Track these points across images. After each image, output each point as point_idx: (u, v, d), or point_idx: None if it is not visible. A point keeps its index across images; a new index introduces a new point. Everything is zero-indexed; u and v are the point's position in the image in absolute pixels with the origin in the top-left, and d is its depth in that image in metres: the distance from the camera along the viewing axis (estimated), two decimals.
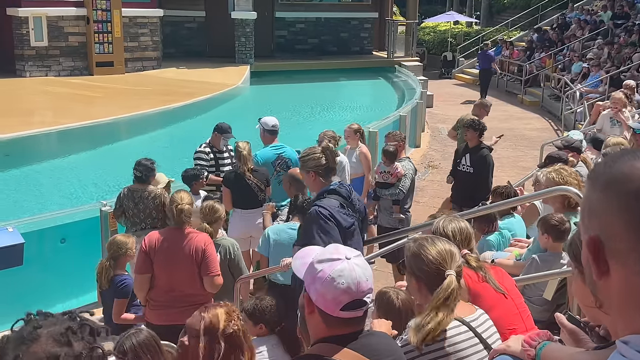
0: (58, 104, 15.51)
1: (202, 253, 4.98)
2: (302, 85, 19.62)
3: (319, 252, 2.20)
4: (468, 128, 7.95)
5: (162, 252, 4.98)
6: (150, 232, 5.33)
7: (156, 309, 5.05)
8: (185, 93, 16.47)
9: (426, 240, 2.71)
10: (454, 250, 2.67)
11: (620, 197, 1.09)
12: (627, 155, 1.11)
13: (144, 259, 5.00)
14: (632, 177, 1.07)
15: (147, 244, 5.02)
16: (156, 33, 19.77)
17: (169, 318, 4.87)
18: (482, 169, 7.81)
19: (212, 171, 7.58)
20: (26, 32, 17.59)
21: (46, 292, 7.35)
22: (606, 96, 14.55)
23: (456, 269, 2.62)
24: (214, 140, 7.70)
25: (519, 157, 13.94)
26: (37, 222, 7.44)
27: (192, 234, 5.06)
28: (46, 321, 1.53)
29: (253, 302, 4.35)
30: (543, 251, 4.70)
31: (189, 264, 4.97)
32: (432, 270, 2.61)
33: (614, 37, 19.49)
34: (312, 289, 2.14)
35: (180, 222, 5.02)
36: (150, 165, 6.66)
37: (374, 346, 2.19)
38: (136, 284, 5.16)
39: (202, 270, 4.98)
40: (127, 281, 5.40)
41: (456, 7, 36.75)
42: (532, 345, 2.30)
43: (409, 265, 2.68)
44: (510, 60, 23.38)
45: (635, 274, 1.08)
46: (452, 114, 18.32)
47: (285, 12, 23.33)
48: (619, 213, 1.09)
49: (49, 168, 11.78)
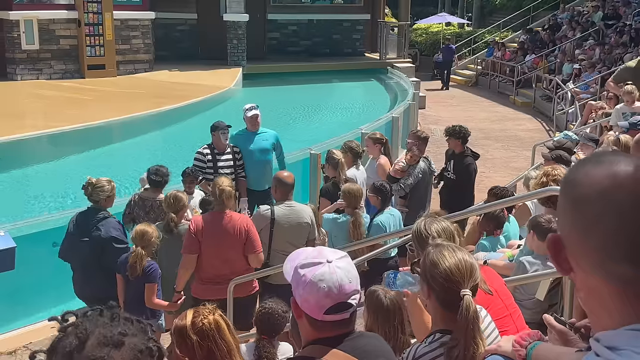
0: (50, 107, 15.46)
1: (245, 233, 5.54)
2: (295, 87, 19.62)
3: (303, 256, 2.19)
4: (450, 136, 7.88)
5: (210, 234, 5.49)
6: (194, 216, 5.89)
7: (205, 285, 5.59)
8: (177, 95, 16.44)
9: (446, 249, 2.51)
10: (472, 263, 2.49)
11: (570, 202, 1.10)
12: (591, 161, 1.12)
13: (192, 240, 5.51)
14: (583, 183, 1.08)
15: (195, 227, 5.52)
16: (148, 36, 19.74)
17: (217, 293, 5.40)
18: (464, 177, 7.77)
19: (209, 172, 7.58)
20: (17, 36, 17.54)
21: (38, 296, 7.33)
22: (598, 97, 14.61)
23: (472, 285, 2.45)
24: (215, 141, 7.75)
25: (511, 158, 13.98)
26: (29, 225, 7.42)
27: (234, 216, 5.61)
28: (130, 329, 1.46)
29: None
30: (532, 253, 4.71)
31: (236, 243, 5.53)
32: (446, 285, 2.42)
33: (605, 37, 19.57)
34: (297, 293, 2.15)
35: (222, 206, 5.52)
36: (167, 172, 6.79)
37: (364, 347, 2.20)
38: (183, 263, 5.59)
39: (247, 248, 5.55)
40: (154, 266, 5.67)
41: (448, 9, 36.81)
42: (522, 345, 2.32)
43: (423, 270, 2.53)
44: (502, 61, 23.46)
45: (591, 275, 1.09)
46: (444, 115, 18.38)
47: (277, 14, 23.33)
48: (570, 217, 1.11)
49: (40, 171, 11.74)
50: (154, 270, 5.63)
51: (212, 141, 7.77)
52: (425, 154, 7.83)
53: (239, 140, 8.03)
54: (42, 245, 7.53)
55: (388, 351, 2.39)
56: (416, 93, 16.62)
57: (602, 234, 1.06)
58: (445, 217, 3.92)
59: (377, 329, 3.27)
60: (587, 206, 1.08)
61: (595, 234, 1.07)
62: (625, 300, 1.06)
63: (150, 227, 5.70)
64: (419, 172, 7.48)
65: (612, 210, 1.05)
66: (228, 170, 7.65)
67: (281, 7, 23.45)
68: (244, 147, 7.96)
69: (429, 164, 7.73)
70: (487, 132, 16.57)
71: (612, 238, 1.05)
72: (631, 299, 1.06)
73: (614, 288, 1.07)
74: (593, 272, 1.09)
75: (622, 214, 1.04)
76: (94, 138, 13.46)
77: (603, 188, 1.07)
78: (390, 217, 6.49)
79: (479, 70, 25.43)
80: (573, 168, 1.15)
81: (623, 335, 1.04)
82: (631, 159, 1.09)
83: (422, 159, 7.64)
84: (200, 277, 5.64)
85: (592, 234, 1.07)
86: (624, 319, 1.06)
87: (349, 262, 2.20)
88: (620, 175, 1.06)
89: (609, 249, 1.06)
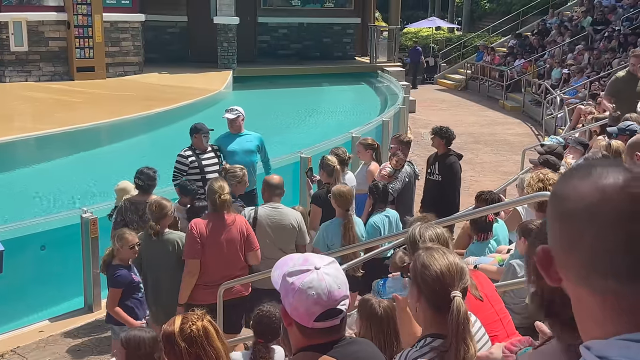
0: (38, 109, 15.38)
1: (246, 231, 5.56)
2: (285, 90, 19.62)
3: (291, 264, 2.17)
4: (435, 135, 7.94)
5: (214, 237, 5.45)
6: (194, 219, 5.73)
7: (210, 289, 5.50)
8: (167, 98, 16.40)
9: (437, 252, 2.54)
10: (462, 266, 2.51)
11: (557, 215, 1.10)
12: (578, 173, 1.11)
13: (195, 245, 5.44)
14: (570, 197, 1.08)
15: (197, 231, 5.45)
16: (138, 38, 19.69)
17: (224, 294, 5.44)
18: (449, 175, 7.82)
19: (196, 172, 7.56)
20: (6, 37, 17.45)
21: (27, 299, 7.29)
22: (586, 101, 14.68)
23: (462, 287, 2.47)
24: (195, 142, 7.72)
25: (500, 162, 14.03)
26: (17, 229, 7.38)
27: (232, 217, 5.57)
28: None
29: None
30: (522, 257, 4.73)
31: (239, 243, 5.54)
32: (437, 287, 2.44)
33: (594, 43, 19.69)
34: (286, 302, 2.14)
35: (222, 208, 5.48)
36: (153, 174, 6.50)
37: (356, 354, 2.19)
38: (188, 268, 5.52)
39: (246, 246, 5.57)
40: (121, 272, 5.56)
41: (438, 13, 36.98)
42: (512, 351, 2.32)
43: (414, 273, 2.53)
44: (492, 65, 23.56)
45: (578, 287, 1.09)
46: (434, 119, 18.43)
47: (267, 18, 23.33)
48: (557, 230, 1.11)
49: (29, 174, 11.68)
50: (119, 276, 5.55)
51: (192, 143, 7.74)
52: (415, 157, 7.88)
53: (223, 142, 8.08)
54: (31, 249, 7.50)
55: (380, 358, 2.38)
56: (406, 97, 16.66)
57: (586, 249, 1.06)
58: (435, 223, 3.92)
59: (371, 338, 3.25)
60: (573, 220, 1.08)
61: (579, 248, 1.07)
62: (612, 310, 1.06)
63: (131, 235, 5.64)
64: (405, 176, 7.56)
65: (596, 224, 1.05)
66: (213, 167, 7.66)
67: (272, 10, 23.46)
68: (227, 149, 7.99)
69: (413, 168, 7.85)
70: (476, 136, 16.63)
71: (596, 253, 1.05)
72: (619, 310, 1.06)
73: (601, 298, 1.07)
74: (579, 285, 1.09)
75: (606, 228, 1.04)
76: (83, 141, 13.41)
77: (589, 203, 1.06)
78: (385, 218, 6.48)
79: (469, 75, 25.52)
80: (562, 180, 1.14)
81: (614, 345, 1.05)
82: (620, 170, 1.09)
83: (406, 163, 7.75)
84: (205, 280, 5.55)
85: (577, 248, 1.07)
86: (615, 328, 1.06)
87: (337, 267, 2.19)
88: (607, 190, 1.06)
89: (593, 263, 1.06)
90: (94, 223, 7.28)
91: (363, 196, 7.74)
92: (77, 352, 6.52)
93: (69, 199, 10.05)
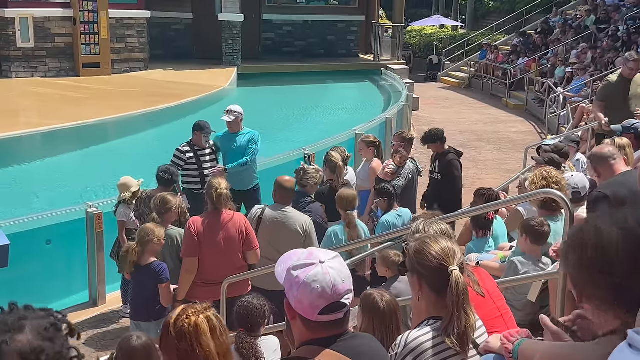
0: (44, 105, 15.43)
1: (245, 230, 5.54)
2: (289, 87, 19.64)
3: (295, 258, 2.19)
4: (428, 143, 8.01)
5: (212, 235, 5.45)
6: (192, 217, 5.73)
7: (208, 287, 5.47)
8: (172, 95, 16.44)
9: (428, 237, 2.65)
10: (455, 248, 2.60)
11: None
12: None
13: (194, 243, 5.44)
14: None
15: (195, 229, 5.45)
16: (143, 34, 19.72)
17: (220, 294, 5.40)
18: (447, 172, 7.86)
19: (193, 168, 7.75)
20: (12, 33, 17.50)
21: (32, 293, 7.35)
22: (589, 100, 14.69)
23: (458, 265, 2.55)
24: (195, 139, 7.85)
25: (503, 160, 14.06)
26: (23, 223, 7.44)
27: (230, 214, 5.57)
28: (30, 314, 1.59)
29: None
30: (524, 254, 4.77)
31: (237, 242, 5.53)
32: (435, 266, 2.52)
33: (598, 41, 19.68)
34: (290, 295, 2.16)
35: (220, 206, 5.48)
36: (177, 171, 6.93)
37: (358, 348, 2.21)
38: (185, 266, 5.51)
39: (246, 245, 5.57)
40: (163, 266, 5.50)
41: (442, 11, 36.97)
42: (510, 341, 2.39)
43: (410, 263, 2.61)
44: (495, 64, 23.55)
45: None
46: (437, 117, 18.45)
47: (272, 15, 23.35)
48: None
49: (34, 169, 11.74)
50: (166, 270, 5.47)
51: (191, 139, 7.87)
52: (418, 154, 7.93)
53: (221, 140, 8.19)
54: (36, 243, 7.56)
55: (383, 353, 2.40)
56: (410, 94, 16.68)
57: None
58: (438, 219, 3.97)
59: (374, 333, 3.28)
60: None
61: None
62: None
63: (157, 227, 5.55)
64: (408, 173, 7.60)
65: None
66: (210, 163, 7.86)
67: (276, 7, 23.47)
68: (226, 148, 8.09)
69: (416, 165, 7.88)
70: (479, 134, 16.65)
71: None
72: None
73: None
74: None
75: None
76: (89, 136, 13.47)
77: None
78: (398, 218, 6.46)
79: (472, 73, 25.52)
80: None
81: None
82: None
83: (409, 160, 7.79)
84: (203, 278, 5.55)
85: None
86: None
87: (341, 262, 2.21)
88: None
89: None
90: (99, 218, 7.34)
91: (365, 193, 7.79)
92: (82, 345, 6.58)
93: (74, 194, 10.11)
